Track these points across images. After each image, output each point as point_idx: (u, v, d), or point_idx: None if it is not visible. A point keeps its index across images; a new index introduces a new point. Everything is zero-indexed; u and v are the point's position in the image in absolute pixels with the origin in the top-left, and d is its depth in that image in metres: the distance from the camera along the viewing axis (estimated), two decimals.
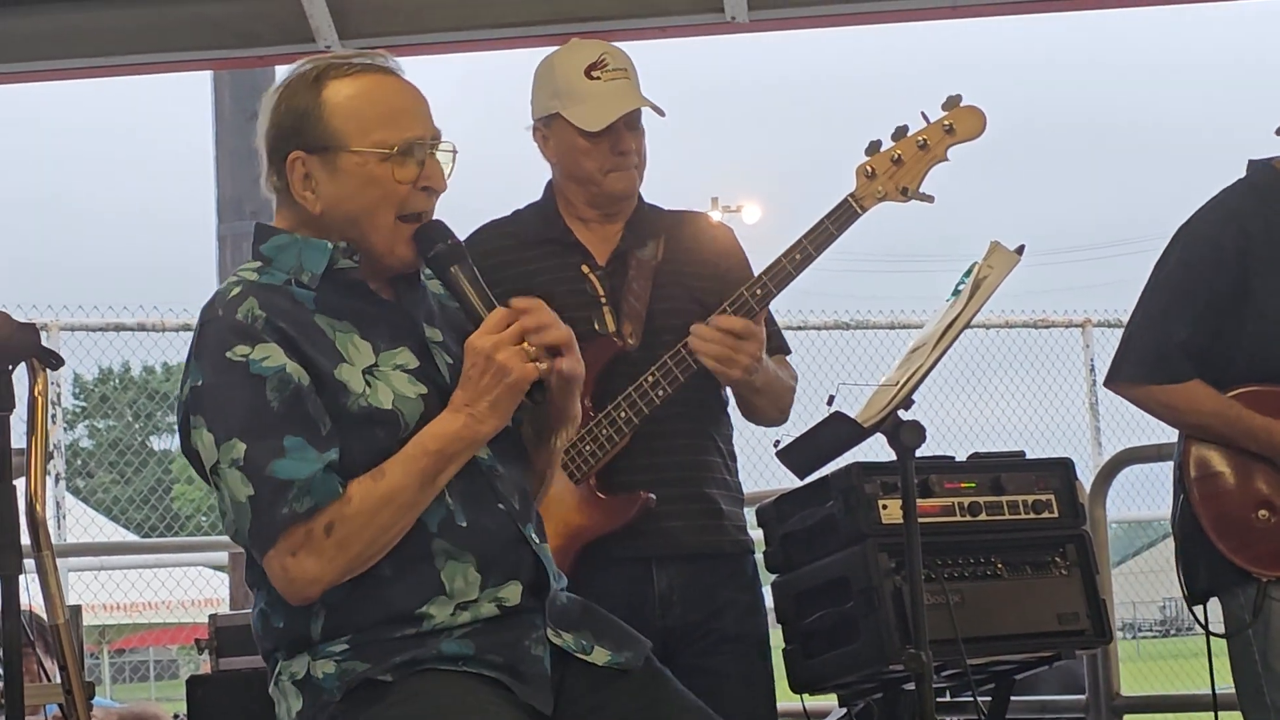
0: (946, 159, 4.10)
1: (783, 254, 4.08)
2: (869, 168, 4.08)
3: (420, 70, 3.51)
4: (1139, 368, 4.41)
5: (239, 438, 3.07)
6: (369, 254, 3.23)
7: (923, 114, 4.10)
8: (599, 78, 4.17)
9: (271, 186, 3.30)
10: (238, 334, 3.12)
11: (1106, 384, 4.53)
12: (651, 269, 4.21)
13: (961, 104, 4.11)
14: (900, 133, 4.10)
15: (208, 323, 3.17)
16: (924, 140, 4.08)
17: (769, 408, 4.25)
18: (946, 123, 4.09)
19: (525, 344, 3.10)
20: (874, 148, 4.09)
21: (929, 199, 4.09)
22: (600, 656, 3.23)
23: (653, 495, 4.08)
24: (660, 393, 4.06)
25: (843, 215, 4.07)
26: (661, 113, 4.21)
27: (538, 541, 3.25)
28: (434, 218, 3.25)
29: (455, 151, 3.30)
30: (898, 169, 4.07)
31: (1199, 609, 4.45)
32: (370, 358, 3.19)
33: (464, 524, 3.16)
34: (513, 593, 3.19)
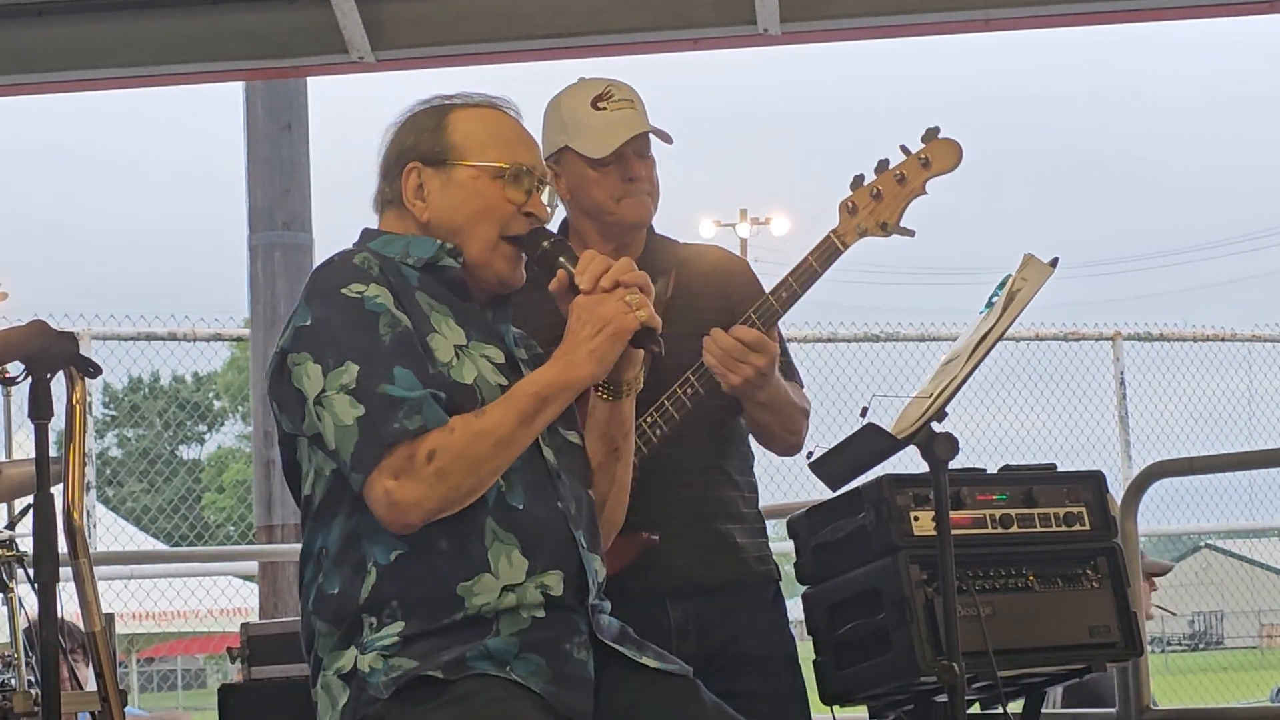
0: (925, 192, 4.06)
1: (769, 292, 4.09)
2: (851, 203, 4.04)
3: (452, 83, 3.58)
4: None
5: (352, 360, 3.19)
6: (468, 264, 3.40)
7: (902, 147, 4.07)
8: (605, 108, 4.18)
9: (381, 200, 3.50)
10: (353, 273, 3.28)
11: None
12: (661, 305, 4.20)
13: (939, 136, 4.07)
14: (881, 166, 4.05)
15: (322, 267, 3.33)
16: (901, 174, 4.04)
17: (778, 428, 4.22)
18: (923, 157, 4.04)
19: (627, 296, 3.27)
20: (857, 182, 4.05)
21: (909, 233, 4.05)
22: (650, 662, 3.32)
23: (655, 536, 4.08)
24: (658, 432, 4.07)
25: (826, 252, 4.04)
26: (669, 140, 4.20)
27: (586, 547, 3.31)
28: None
29: (556, 206, 3.56)
30: (877, 204, 4.03)
31: None
32: (463, 339, 3.33)
33: (519, 506, 3.24)
34: (555, 581, 3.24)
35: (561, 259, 3.37)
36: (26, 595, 5.87)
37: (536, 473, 3.29)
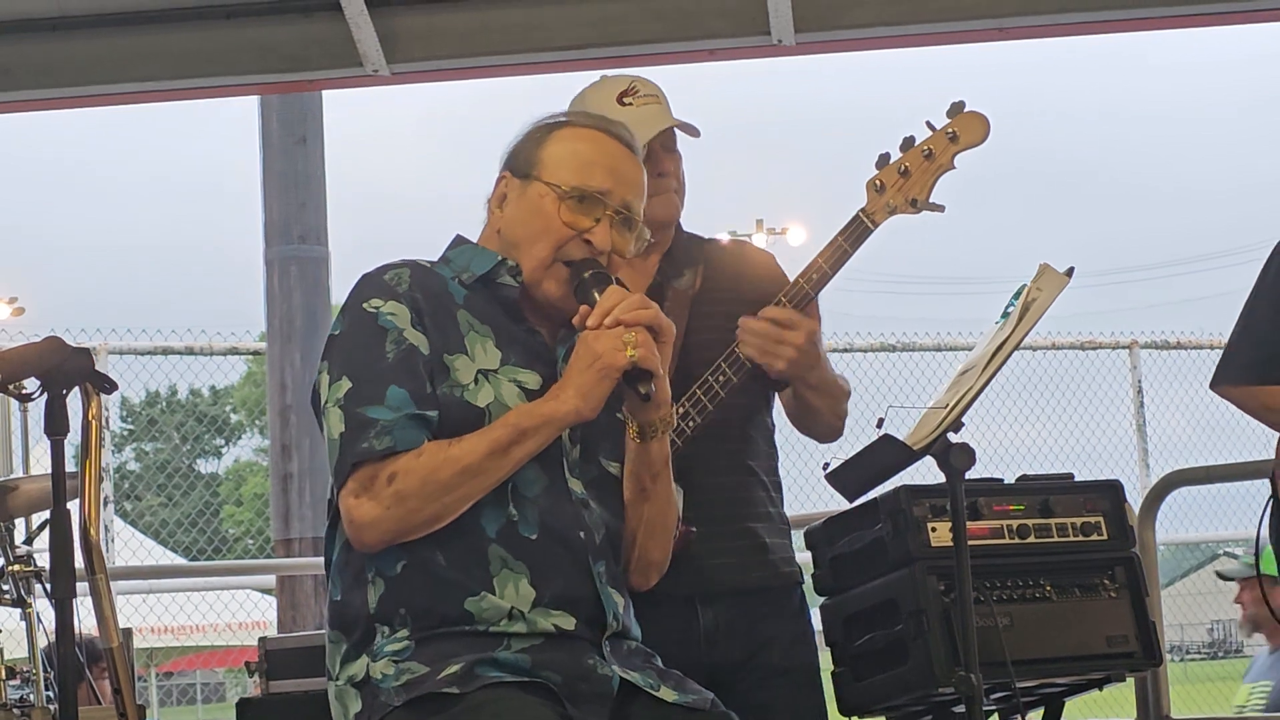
0: (953, 167, 4.05)
1: (799, 275, 4.07)
2: (878, 181, 4.04)
3: (467, 95, 3.56)
4: (1244, 370, 4.55)
5: (348, 376, 3.23)
6: (524, 281, 3.37)
7: (928, 123, 4.07)
8: (631, 104, 4.16)
9: (489, 208, 3.50)
10: (378, 289, 3.31)
11: (1212, 387, 4.65)
12: (688, 299, 4.19)
13: (965, 110, 4.07)
14: (907, 144, 4.06)
15: (359, 280, 3.35)
16: (929, 150, 4.04)
17: (827, 412, 4.19)
18: (950, 131, 4.05)
19: (625, 334, 3.21)
20: (883, 160, 4.05)
21: (939, 208, 4.06)
22: (668, 695, 3.28)
23: (693, 529, 4.07)
24: (690, 424, 4.03)
25: (855, 231, 4.03)
26: (696, 133, 4.19)
27: (605, 579, 3.29)
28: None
29: (649, 240, 3.52)
30: (905, 181, 4.03)
31: None
32: (494, 364, 3.31)
33: (532, 537, 3.23)
34: (567, 622, 3.22)
35: (595, 292, 3.32)
36: (45, 611, 5.88)
37: (558, 501, 3.28)
